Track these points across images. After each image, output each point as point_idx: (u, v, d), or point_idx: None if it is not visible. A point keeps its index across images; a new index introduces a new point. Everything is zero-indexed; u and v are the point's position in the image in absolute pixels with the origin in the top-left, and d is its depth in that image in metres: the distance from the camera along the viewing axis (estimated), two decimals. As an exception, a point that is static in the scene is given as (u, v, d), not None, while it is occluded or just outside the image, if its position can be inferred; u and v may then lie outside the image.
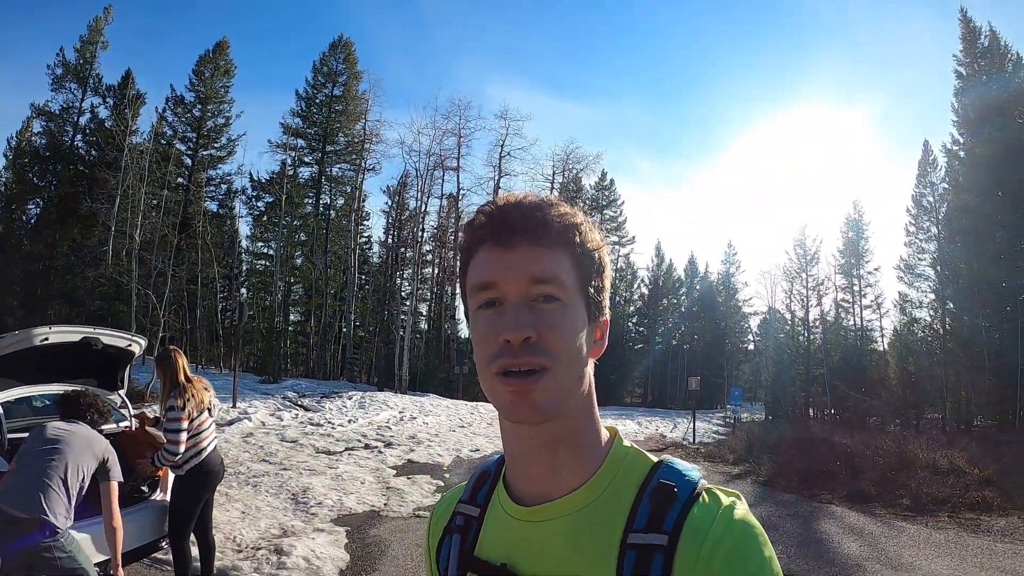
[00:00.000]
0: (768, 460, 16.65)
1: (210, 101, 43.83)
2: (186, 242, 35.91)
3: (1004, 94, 36.25)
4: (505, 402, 0.86)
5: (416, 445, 15.33)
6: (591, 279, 0.93)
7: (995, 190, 34.91)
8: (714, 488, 0.88)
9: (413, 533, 8.15)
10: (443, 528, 1.06)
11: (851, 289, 50.37)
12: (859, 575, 7.50)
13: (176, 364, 5.18)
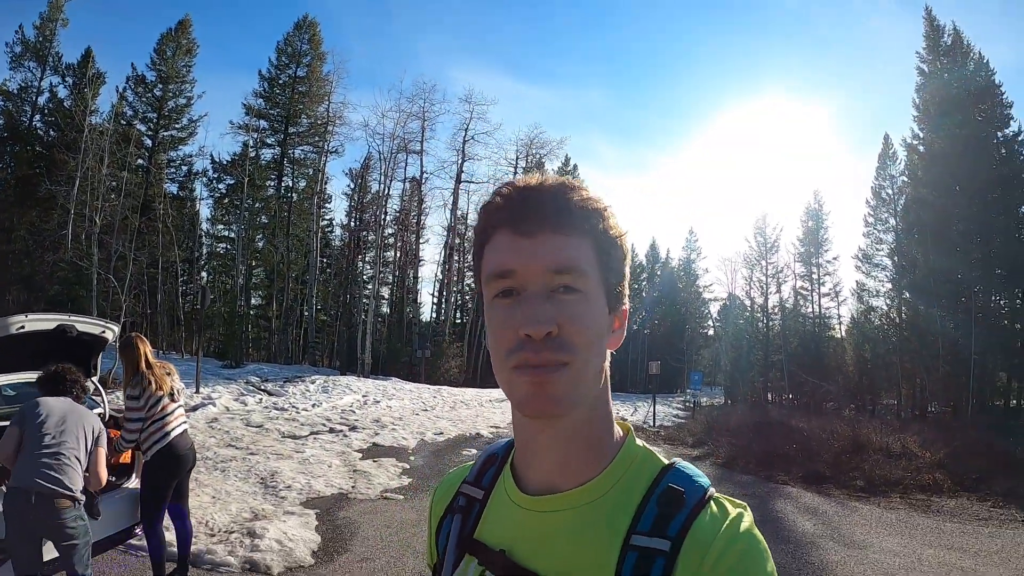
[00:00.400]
0: (727, 443, 16.99)
1: (171, 81, 42.71)
2: (146, 225, 35.30)
3: (964, 92, 37.00)
4: (522, 395, 0.84)
5: (380, 429, 15.38)
6: (612, 268, 0.91)
7: (953, 184, 35.64)
8: (722, 498, 0.87)
9: (381, 515, 8.26)
10: (445, 507, 1.06)
11: (810, 277, 50.98)
12: (813, 552, 7.76)
13: (138, 351, 5.23)
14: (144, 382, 5.15)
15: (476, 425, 18.25)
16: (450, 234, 48.63)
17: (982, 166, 35.52)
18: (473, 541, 0.95)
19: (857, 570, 7.14)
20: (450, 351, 43.24)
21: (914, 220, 38.89)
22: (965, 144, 35.28)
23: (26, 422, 4.06)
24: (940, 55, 39.47)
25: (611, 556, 0.82)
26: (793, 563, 7.32)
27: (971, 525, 9.53)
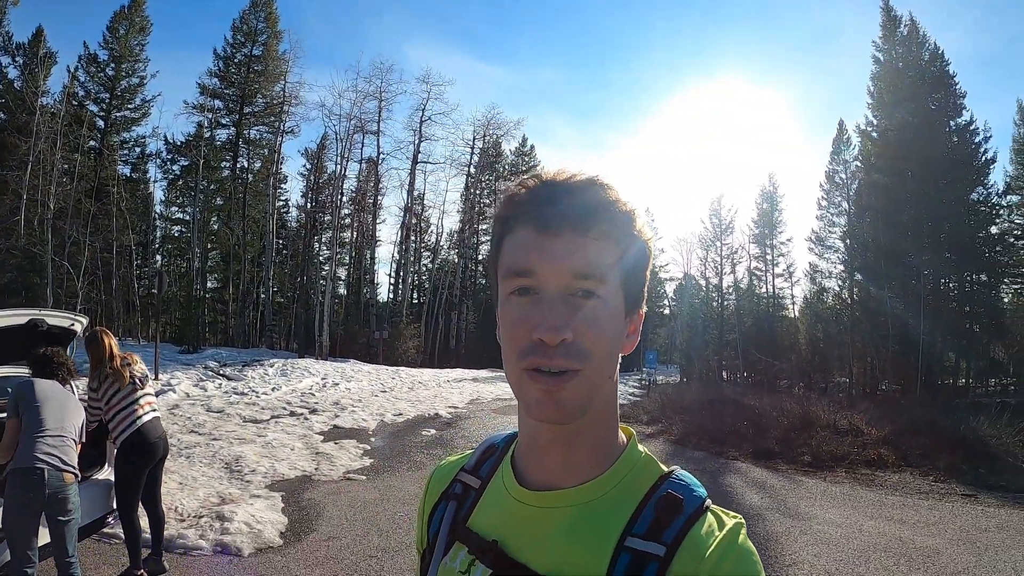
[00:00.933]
0: (680, 420, 17.39)
1: (124, 60, 41.62)
2: (100, 209, 34.58)
3: (918, 80, 37.92)
4: (531, 399, 0.84)
5: (340, 411, 15.48)
6: (635, 273, 0.90)
7: (905, 170, 36.40)
8: (718, 509, 0.88)
9: (345, 495, 8.44)
10: (441, 492, 1.06)
11: (764, 258, 51.94)
12: (759, 524, 8.09)
13: (103, 344, 5.36)
14: (102, 375, 5.28)
15: (435, 406, 18.42)
16: (407, 215, 48.49)
17: (934, 153, 36.35)
18: (466, 529, 0.96)
19: (800, 540, 7.48)
20: (408, 332, 43.20)
21: (867, 204, 39.69)
22: (918, 131, 36.14)
23: (25, 406, 4.18)
24: (896, 44, 40.29)
25: (604, 556, 0.83)
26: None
27: (912, 498, 9.97)
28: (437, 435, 13.63)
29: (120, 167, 41.53)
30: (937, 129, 37.64)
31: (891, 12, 40.78)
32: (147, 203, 43.74)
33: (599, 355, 0.84)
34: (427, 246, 56.55)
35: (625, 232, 0.88)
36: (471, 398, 21.56)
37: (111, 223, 34.35)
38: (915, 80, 38.08)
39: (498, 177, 59.29)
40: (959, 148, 38.24)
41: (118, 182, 36.56)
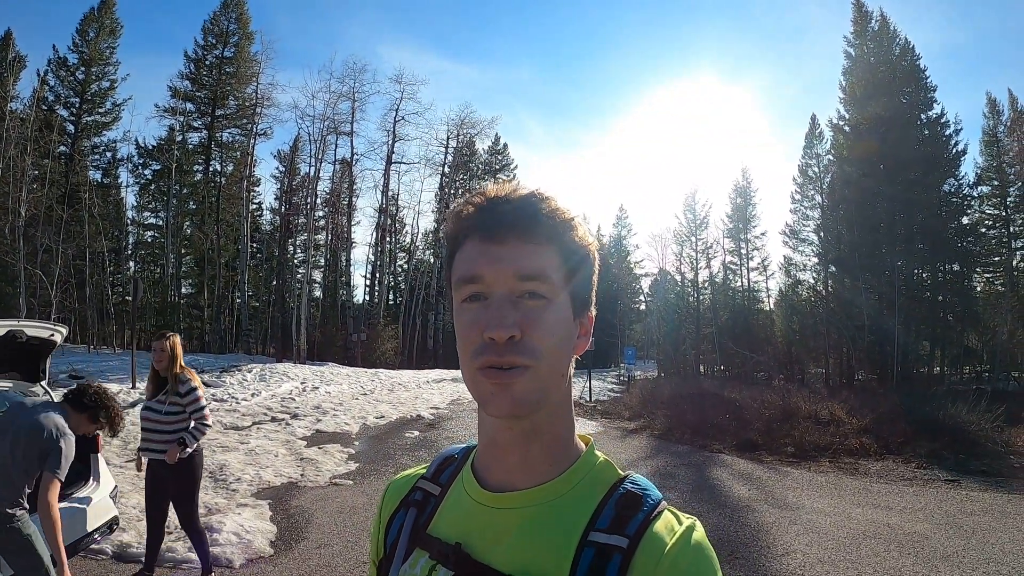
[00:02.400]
0: (662, 415, 17.44)
1: (94, 63, 41.30)
2: (72, 215, 34.17)
3: (890, 75, 38.37)
4: (486, 394, 0.87)
5: (322, 415, 15.35)
6: (578, 275, 0.94)
7: (877, 164, 36.88)
8: (674, 509, 0.90)
9: (333, 501, 8.34)
10: (399, 501, 1.07)
11: (739, 252, 52.26)
12: (749, 515, 8.12)
13: (177, 350, 5.37)
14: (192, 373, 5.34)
15: (416, 407, 18.34)
16: (382, 215, 48.35)
17: (905, 146, 36.83)
18: (426, 535, 0.97)
19: (791, 530, 7.50)
20: (385, 334, 43.11)
21: (840, 197, 40.05)
22: (889, 125, 36.61)
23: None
24: (867, 39, 40.75)
25: (567, 552, 0.85)
26: (732, 526, 7.66)
27: (896, 485, 10.05)
28: (421, 437, 13.55)
29: (91, 172, 41.46)
30: (908, 122, 38.14)
31: (862, 7, 41.33)
32: (119, 209, 43.23)
33: (548, 353, 0.87)
34: (402, 247, 56.52)
35: (566, 238, 0.92)
36: (452, 398, 21.47)
37: (83, 230, 33.82)
38: (886, 74, 38.55)
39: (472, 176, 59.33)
40: (930, 141, 38.74)
41: (90, 188, 36.23)
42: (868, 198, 37.35)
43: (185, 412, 5.20)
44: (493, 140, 61.93)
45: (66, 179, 35.88)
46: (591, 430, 15.67)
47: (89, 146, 41.89)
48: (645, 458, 12.24)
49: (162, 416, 5.17)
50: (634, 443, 14.05)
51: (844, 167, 40.23)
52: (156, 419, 5.17)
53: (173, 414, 5.18)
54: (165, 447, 5.08)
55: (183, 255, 44.91)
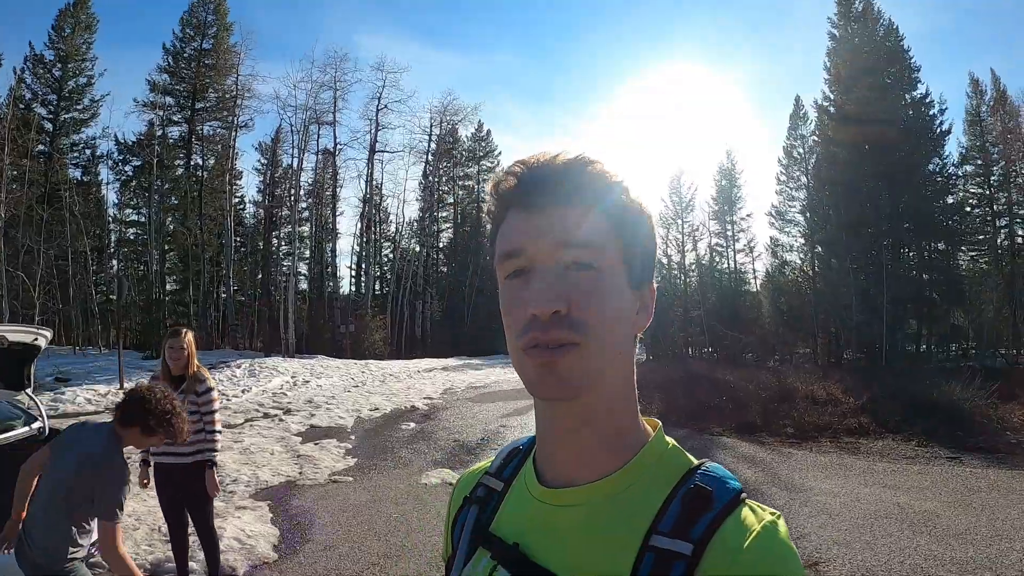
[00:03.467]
0: (658, 398, 17.31)
1: (71, 59, 40.29)
2: (53, 215, 33.67)
3: (874, 56, 38.30)
4: (532, 376, 0.80)
5: (315, 409, 15.20)
6: (635, 242, 0.86)
7: (862, 144, 36.75)
8: (754, 503, 0.80)
9: (334, 499, 8.13)
10: (463, 497, 1.00)
11: (725, 234, 52.05)
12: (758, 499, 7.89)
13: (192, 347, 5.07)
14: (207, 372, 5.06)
15: (409, 398, 18.21)
16: (366, 205, 48.00)
17: (890, 126, 36.74)
18: (488, 533, 0.90)
19: (802, 512, 7.42)
20: (373, 324, 42.89)
21: (826, 177, 40.00)
22: (875, 105, 36.48)
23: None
24: (851, 20, 40.56)
25: (628, 557, 0.76)
26: (741, 512, 7.55)
27: (900, 464, 10.01)
28: (417, 428, 13.39)
29: (72, 171, 40.68)
30: (893, 103, 38.10)
31: (846, -12, 41.08)
32: (99, 206, 42.57)
33: (600, 329, 0.79)
34: (387, 236, 56.24)
35: (616, 202, 0.84)
36: (444, 388, 21.37)
37: (65, 229, 33.35)
38: (871, 55, 38.45)
39: (456, 163, 59.08)
40: (914, 121, 38.73)
41: (70, 186, 35.68)
42: (854, 178, 37.26)
43: (199, 413, 4.90)
44: (476, 127, 61.71)
45: (46, 178, 35.26)
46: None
47: (68, 144, 41.07)
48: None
49: None
50: None
51: (829, 147, 40.07)
52: None
53: (191, 414, 4.73)
54: (184, 451, 4.81)
55: (167, 251, 44.28)
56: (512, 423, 14.08)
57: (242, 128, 45.17)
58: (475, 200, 60.90)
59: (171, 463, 4.89)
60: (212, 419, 4.95)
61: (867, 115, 36.21)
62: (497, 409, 16.36)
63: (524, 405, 17.17)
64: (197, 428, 4.86)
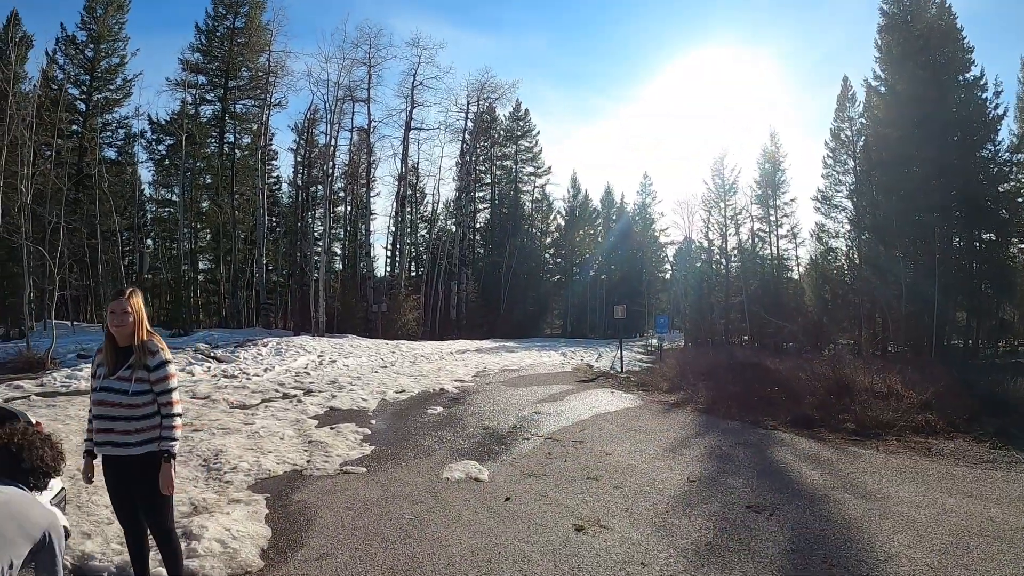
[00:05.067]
0: (704, 388, 16.21)
1: (103, 40, 40.30)
2: (84, 193, 33.64)
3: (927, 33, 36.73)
4: None
5: (338, 391, 14.35)
6: None
7: (914, 126, 35.35)
8: None
9: (341, 494, 7.10)
10: None
11: (767, 219, 50.77)
12: (830, 507, 6.93)
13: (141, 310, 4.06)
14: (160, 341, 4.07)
15: (439, 380, 17.29)
16: (401, 184, 47.12)
17: (943, 108, 35.41)
18: None
19: (883, 526, 6.33)
20: (407, 304, 42.20)
21: (876, 160, 38.61)
22: (927, 86, 35.08)
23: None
24: (903, -3, 38.96)
25: None
26: (815, 521, 6.47)
27: (980, 469, 8.82)
28: (445, 413, 12.42)
29: (106, 151, 40.72)
30: (945, 84, 36.48)
31: (896, -37, 39.38)
32: (134, 185, 42.60)
33: None
34: (423, 217, 55.76)
35: None
36: (477, 370, 20.45)
37: (95, 208, 33.01)
38: (923, 34, 36.87)
39: (494, 143, 58.25)
40: (966, 103, 37.01)
41: (100, 164, 35.47)
42: (905, 162, 35.93)
43: (152, 394, 3.89)
44: (514, 106, 60.89)
45: (79, 158, 35.38)
46: (628, 404, 14.52)
47: (100, 123, 40.85)
48: (694, 436, 11.01)
49: (129, 398, 3.83)
50: (678, 418, 12.78)
51: (879, 129, 38.71)
52: (122, 403, 3.83)
53: (141, 394, 3.86)
54: (132, 441, 3.85)
55: (199, 230, 44.36)
56: (547, 409, 13.07)
57: (275, 106, 45.13)
58: (513, 180, 60.12)
59: (118, 455, 3.90)
60: (169, 400, 3.94)
61: (920, 96, 34.89)
62: (531, 394, 15.34)
63: (560, 391, 16.20)
64: (150, 412, 3.89)
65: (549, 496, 7.14)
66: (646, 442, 10.13)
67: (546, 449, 9.52)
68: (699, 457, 9.25)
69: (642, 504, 6.92)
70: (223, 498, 6.71)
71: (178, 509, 6.09)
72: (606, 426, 11.49)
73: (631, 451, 9.49)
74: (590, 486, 7.57)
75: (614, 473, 8.19)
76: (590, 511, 6.62)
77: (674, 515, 6.56)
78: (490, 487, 7.50)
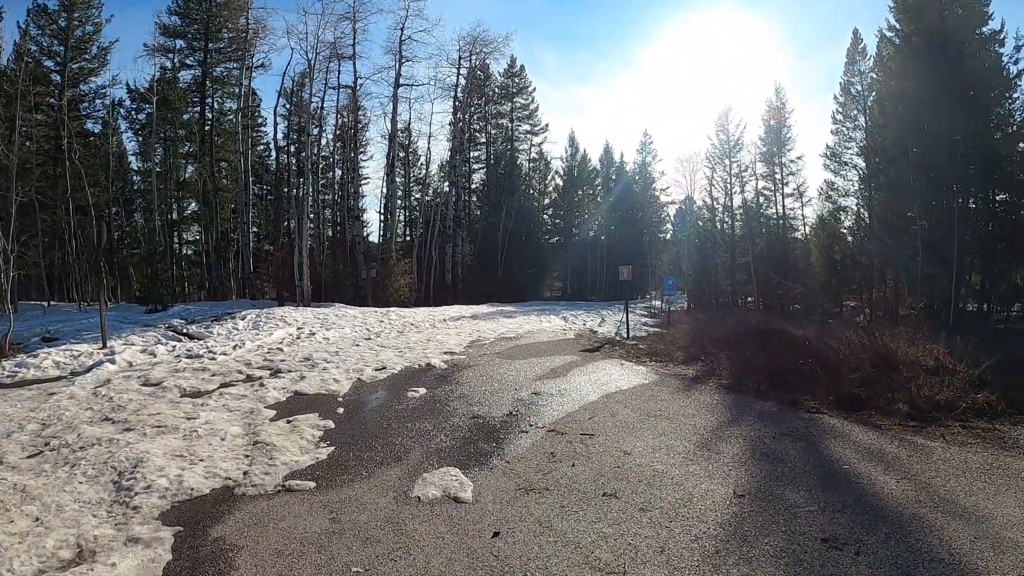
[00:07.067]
0: (725, 357, 14.46)
1: (76, 7, 38.50)
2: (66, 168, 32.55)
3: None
4: None
5: (309, 370, 12.59)
6: None
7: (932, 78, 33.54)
8: None
9: (275, 527, 5.28)
10: None
11: (772, 177, 49.28)
12: (926, 535, 5.15)
13: None
14: None
15: (427, 353, 15.48)
16: (391, 144, 44.97)
17: (960, 62, 33.61)
18: None
19: (1002, 564, 4.64)
20: (398, 268, 40.43)
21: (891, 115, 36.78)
22: (946, 37, 33.45)
23: None
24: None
25: None
26: (915, 560, 4.76)
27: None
28: (427, 396, 10.60)
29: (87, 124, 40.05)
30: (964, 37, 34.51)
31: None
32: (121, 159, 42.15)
33: None
34: (416, 179, 54.01)
35: None
36: (470, 340, 18.65)
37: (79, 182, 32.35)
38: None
39: (488, 100, 56.36)
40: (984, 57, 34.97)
41: (72, 138, 34.04)
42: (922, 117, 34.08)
43: None
44: (509, 62, 58.96)
45: (57, 131, 34.03)
46: (642, 379, 12.60)
47: (78, 94, 39.38)
48: (727, 424, 9.00)
49: None
50: (703, 398, 10.79)
51: (893, 82, 36.77)
52: None
53: None
54: None
55: (181, 199, 42.85)
56: (548, 388, 11.26)
57: (258, 68, 43.65)
58: (508, 139, 58.40)
59: None
60: None
61: (938, 47, 33.20)
62: (530, 369, 13.52)
63: (562, 363, 14.42)
64: None
65: (554, 527, 5.28)
66: (671, 434, 8.27)
67: (548, 447, 7.66)
68: (740, 457, 7.30)
69: (682, 539, 5.08)
70: (121, 534, 5.00)
71: (58, 555, 4.47)
72: (620, 411, 9.59)
73: (655, 448, 7.60)
74: (608, 508, 5.73)
75: (638, 485, 6.33)
76: (612, 555, 4.79)
77: (729, 558, 4.76)
78: (474, 513, 5.63)
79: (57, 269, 37.10)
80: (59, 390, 10.48)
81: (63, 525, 5.12)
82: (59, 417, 8.59)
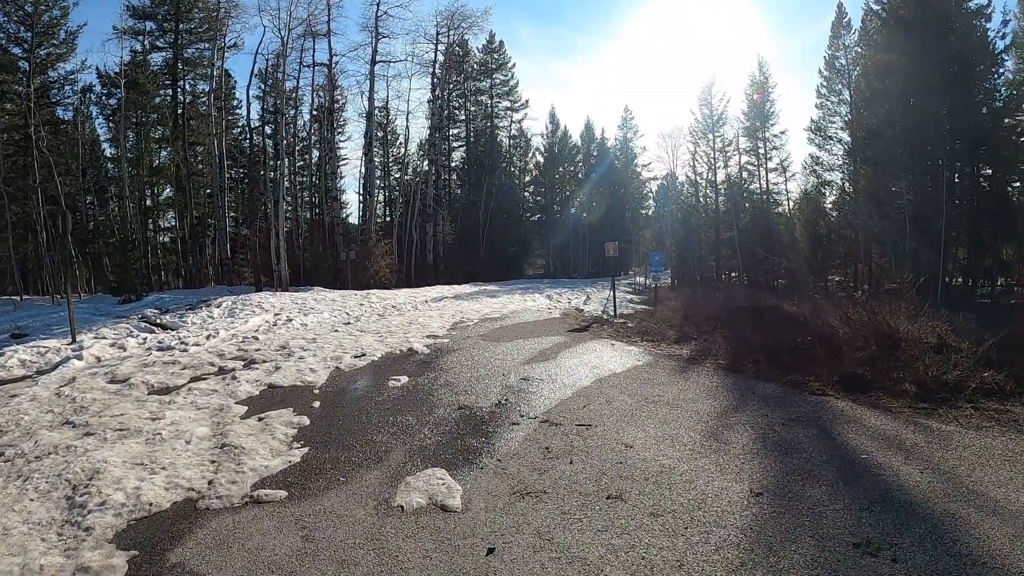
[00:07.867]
0: (720, 337, 13.97)
1: None
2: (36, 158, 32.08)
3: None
4: None
5: (285, 359, 11.97)
6: None
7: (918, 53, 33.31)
8: None
9: (241, 547, 4.66)
10: None
11: (756, 152, 49.53)
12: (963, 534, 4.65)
13: None
14: None
15: (408, 337, 14.86)
16: (369, 122, 44.11)
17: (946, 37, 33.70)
18: None
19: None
20: (378, 249, 39.80)
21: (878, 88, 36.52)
22: (931, 12, 33.59)
23: None
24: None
25: None
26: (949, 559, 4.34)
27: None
28: (410, 385, 9.98)
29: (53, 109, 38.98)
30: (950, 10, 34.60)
31: None
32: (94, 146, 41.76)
33: None
34: (396, 158, 53.40)
35: None
36: (454, 321, 18.08)
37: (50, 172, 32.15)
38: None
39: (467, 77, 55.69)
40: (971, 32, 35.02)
41: (39, 124, 33.52)
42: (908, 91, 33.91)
43: None
44: (488, 38, 58.43)
45: (25, 120, 33.34)
46: (635, 360, 12.05)
47: (47, 80, 38.43)
48: (732, 409, 8.41)
49: None
50: (702, 380, 10.22)
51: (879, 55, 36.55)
52: None
53: None
54: None
55: (155, 185, 42.28)
56: (538, 373, 10.70)
57: (231, 48, 42.82)
58: (489, 116, 57.90)
59: None
60: None
61: (925, 20, 33.22)
62: (517, 351, 12.97)
63: (551, 344, 13.89)
64: None
65: (556, 540, 4.67)
66: (673, 421, 7.70)
67: (542, 440, 7.06)
68: (751, 447, 6.72)
69: (701, 550, 4.51)
70: (71, 563, 4.38)
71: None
72: (616, 397, 9.03)
73: (658, 440, 7.00)
74: (615, 513, 5.14)
75: (644, 484, 5.74)
76: (625, 573, 4.21)
77: (756, 571, 4.22)
78: (464, 524, 5.00)
79: (30, 262, 36.45)
80: (22, 391, 9.75)
81: (8, 553, 4.50)
82: (17, 423, 7.90)
